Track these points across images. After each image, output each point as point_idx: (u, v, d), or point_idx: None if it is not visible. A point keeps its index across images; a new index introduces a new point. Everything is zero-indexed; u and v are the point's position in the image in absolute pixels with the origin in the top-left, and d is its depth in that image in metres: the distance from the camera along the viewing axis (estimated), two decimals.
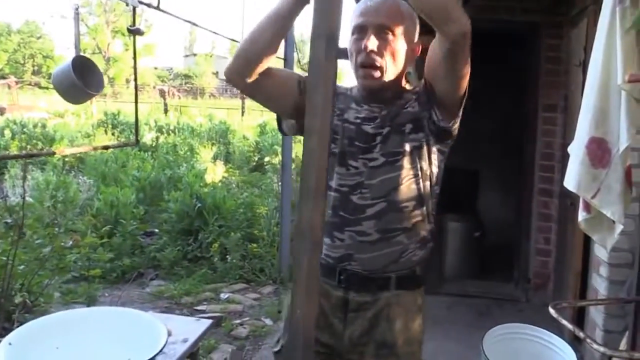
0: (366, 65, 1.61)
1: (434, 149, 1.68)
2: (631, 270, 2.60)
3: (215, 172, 8.44)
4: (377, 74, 1.61)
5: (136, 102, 4.25)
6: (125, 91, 35.00)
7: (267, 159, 10.25)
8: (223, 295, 4.74)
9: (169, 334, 1.72)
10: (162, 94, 22.87)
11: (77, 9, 3.31)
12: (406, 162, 1.64)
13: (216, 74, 41.55)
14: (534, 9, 4.29)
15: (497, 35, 4.78)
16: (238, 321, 4.23)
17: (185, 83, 41.68)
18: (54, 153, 4.48)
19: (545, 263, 4.54)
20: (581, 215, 2.56)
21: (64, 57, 37.97)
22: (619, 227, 2.37)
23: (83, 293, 4.30)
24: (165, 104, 20.49)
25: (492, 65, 5.18)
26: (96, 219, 5.81)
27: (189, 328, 2.01)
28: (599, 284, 3.38)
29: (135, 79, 4.08)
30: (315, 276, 1.36)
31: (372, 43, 1.58)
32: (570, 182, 2.48)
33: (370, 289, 1.66)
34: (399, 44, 1.62)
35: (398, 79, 1.68)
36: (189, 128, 14.04)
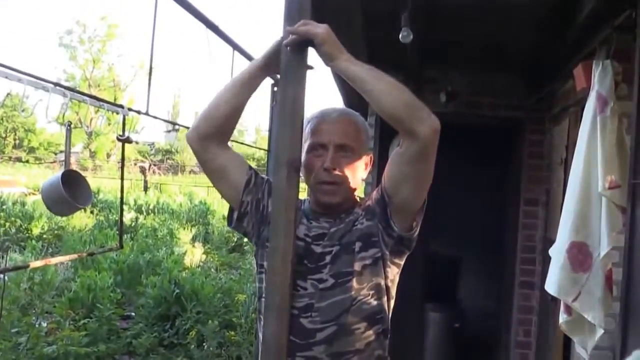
0: (328, 182, 1.61)
1: (389, 263, 1.63)
2: None
3: (194, 255, 8.38)
4: (338, 190, 1.62)
5: (121, 210, 4.28)
6: (106, 165, 35.02)
7: (245, 239, 10.20)
8: None
9: None
10: (143, 171, 22.91)
11: (69, 125, 3.38)
12: (357, 282, 1.58)
13: None
14: (518, 106, 4.42)
15: (481, 129, 4.94)
16: None
17: (167, 159, 41.82)
18: (28, 266, 4.45)
19: (525, 356, 4.51)
20: (562, 317, 2.59)
21: (46, 130, 38.18)
22: (600, 331, 2.40)
23: None
24: (146, 181, 20.51)
25: (476, 158, 5.34)
26: (73, 303, 5.70)
27: None
28: None
29: (122, 186, 4.09)
30: None
31: (334, 161, 1.59)
32: (551, 286, 2.53)
33: None
34: (358, 161, 1.64)
35: (353, 193, 1.69)
36: (169, 208, 14.01)
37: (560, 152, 3.91)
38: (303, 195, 1.89)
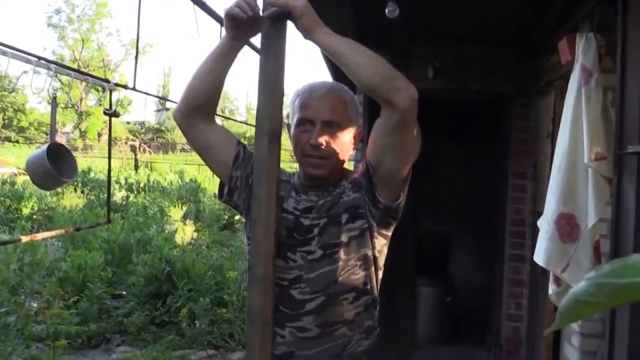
0: (314, 156, 1.62)
1: (377, 234, 1.65)
2: (602, 341, 2.62)
3: (185, 232, 8.36)
4: (325, 164, 1.63)
5: (109, 184, 4.24)
6: (97, 145, 34.83)
7: (237, 217, 10.21)
8: None
9: None
10: (133, 149, 22.80)
11: (54, 98, 3.33)
12: (344, 253, 1.61)
13: None
14: (504, 80, 4.41)
15: (469, 104, 4.92)
16: None
17: (157, 137, 41.64)
18: (19, 239, 4.42)
19: (517, 329, 4.54)
20: (551, 288, 2.60)
21: (36, 110, 37.89)
22: None
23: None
24: (136, 160, 20.42)
25: (465, 133, 5.32)
26: (63, 283, 5.68)
27: None
28: (571, 353, 3.39)
29: (109, 159, 4.05)
30: (267, 353, 1.39)
31: (322, 138, 1.60)
32: (540, 257, 2.53)
33: None
34: (345, 136, 1.65)
35: (341, 166, 1.70)
36: (160, 187, 13.96)
37: (546, 125, 3.91)
38: (284, 166, 1.88)
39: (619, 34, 2.20)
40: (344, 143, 1.65)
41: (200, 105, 1.61)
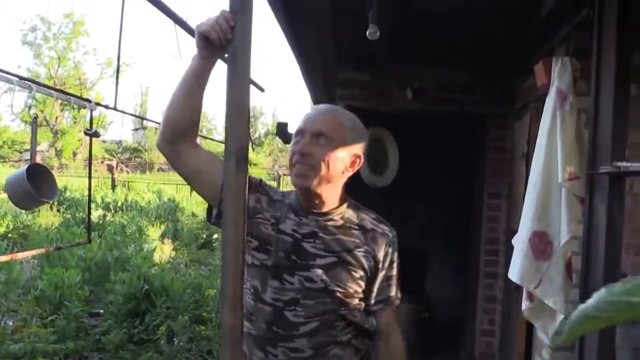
0: (300, 164, 1.63)
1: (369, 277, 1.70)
2: (572, 354, 2.70)
3: (164, 251, 8.33)
4: (310, 174, 1.61)
5: (89, 204, 4.25)
6: (72, 164, 34.43)
7: (215, 235, 10.20)
8: None
9: None
10: (110, 169, 22.62)
11: (35, 118, 3.35)
12: (345, 291, 1.63)
13: None
14: (482, 102, 4.51)
15: (447, 124, 5.04)
16: None
17: (135, 157, 41.31)
18: None
19: (490, 343, 4.63)
20: (524, 304, 2.68)
21: (9, 128, 37.36)
22: (560, 316, 2.49)
23: None
24: (113, 179, 20.25)
25: (442, 153, 5.44)
26: (39, 301, 5.63)
27: None
28: None
29: (89, 179, 4.07)
30: None
31: (307, 147, 1.61)
32: (514, 274, 2.61)
33: None
34: (337, 153, 1.63)
35: (335, 189, 1.69)
36: (137, 206, 13.87)
37: (522, 147, 4.02)
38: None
39: (594, 58, 2.26)
40: (333, 158, 1.63)
41: (182, 130, 1.57)
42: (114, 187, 19.43)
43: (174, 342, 5.17)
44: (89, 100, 3.45)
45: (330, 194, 1.68)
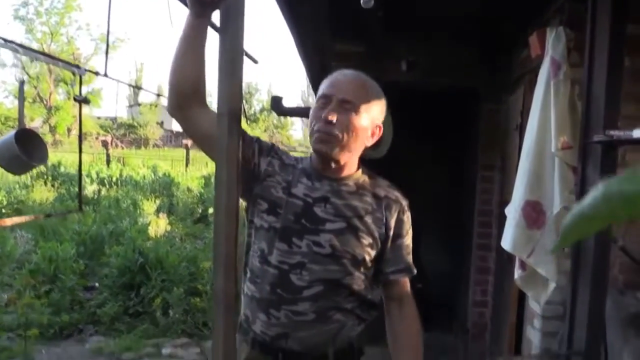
0: (323, 132, 1.60)
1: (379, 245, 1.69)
2: (563, 323, 2.73)
3: (159, 225, 8.34)
4: (333, 141, 1.60)
5: (80, 168, 4.24)
6: (67, 140, 34.27)
7: (211, 210, 10.20)
8: (165, 351, 4.67)
9: None
10: (105, 144, 22.50)
11: (22, 82, 3.31)
12: (353, 262, 1.63)
13: (161, 124, 41.22)
14: (476, 75, 4.49)
15: (441, 98, 5.02)
16: None
17: (129, 133, 41.13)
18: None
19: (482, 314, 4.67)
20: (517, 273, 2.69)
21: (3, 104, 37.12)
22: (552, 285, 2.51)
23: (20, 352, 4.16)
24: (108, 155, 20.16)
25: (437, 127, 5.43)
26: (34, 274, 5.65)
27: None
28: (533, 335, 3.51)
29: (80, 146, 4.06)
30: (231, 337, 1.42)
31: (333, 114, 1.58)
32: (507, 243, 2.62)
33: None
34: (360, 121, 1.61)
35: (353, 156, 1.68)
36: (132, 181, 13.83)
37: (515, 119, 4.02)
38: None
39: (588, 29, 2.25)
40: (358, 128, 1.61)
41: (186, 93, 1.55)
42: (108, 162, 19.37)
43: (169, 314, 5.21)
44: (78, 66, 3.41)
45: (348, 162, 1.67)
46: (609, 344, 2.79)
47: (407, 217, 1.75)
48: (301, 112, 5.91)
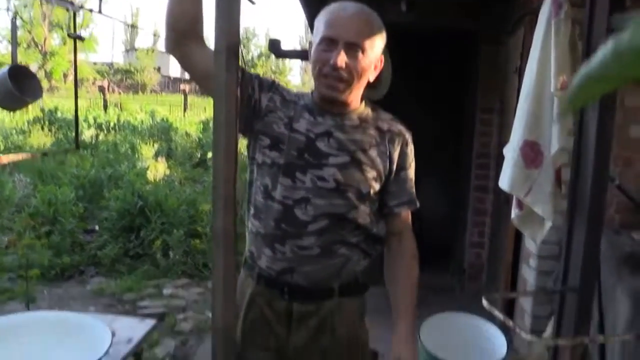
0: (332, 78, 1.58)
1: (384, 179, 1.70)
2: (558, 262, 2.76)
3: (157, 170, 8.33)
4: (342, 86, 1.58)
5: (76, 105, 4.19)
6: (63, 86, 33.91)
7: (209, 155, 10.19)
8: (166, 291, 4.74)
9: (113, 335, 1.71)
10: (102, 89, 22.26)
11: (14, 18, 3.24)
12: (357, 195, 1.63)
13: (158, 69, 40.77)
14: (475, 17, 4.42)
15: (441, 40, 4.95)
16: (181, 316, 4.25)
17: (126, 78, 40.69)
18: None
19: (479, 255, 4.73)
20: (514, 212, 2.70)
21: None
22: (548, 224, 2.52)
23: (21, 292, 4.21)
24: (105, 100, 19.98)
25: (435, 70, 5.36)
26: (34, 217, 5.68)
27: (133, 328, 2.02)
28: (528, 274, 3.57)
29: (75, 83, 4.01)
30: (231, 277, 1.43)
31: (342, 59, 1.55)
32: (505, 182, 2.62)
33: (313, 299, 1.66)
34: (367, 61, 1.60)
35: (358, 91, 1.66)
36: (130, 126, 13.76)
37: (514, 61, 3.97)
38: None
39: None
40: (366, 68, 1.60)
41: (186, 29, 1.52)
42: (105, 107, 19.22)
43: (169, 256, 5.27)
44: (71, 3, 3.32)
45: (354, 98, 1.66)
46: (603, 282, 2.84)
47: (410, 150, 1.74)
48: (300, 54, 5.82)
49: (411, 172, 1.75)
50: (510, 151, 2.70)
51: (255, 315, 1.70)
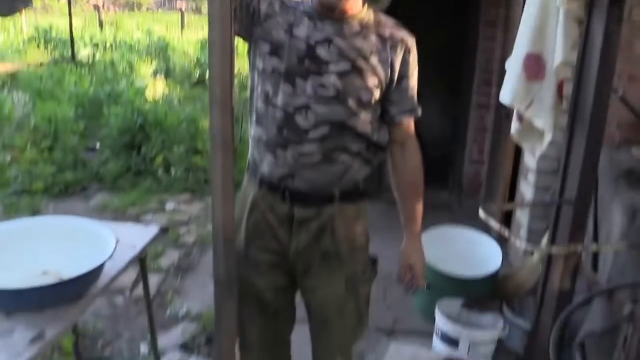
0: None
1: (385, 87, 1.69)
2: (556, 178, 2.78)
3: (156, 88, 8.24)
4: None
5: (70, 14, 4.09)
6: (57, 5, 33.06)
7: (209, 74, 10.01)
8: (169, 206, 4.81)
9: (117, 241, 1.76)
10: (97, 8, 21.70)
11: None
12: (359, 99, 1.63)
13: None
14: None
15: None
16: (184, 230, 4.34)
17: None
18: None
19: (478, 172, 4.77)
20: (514, 126, 2.70)
21: None
22: (548, 138, 2.53)
23: (27, 207, 4.28)
24: (101, 19, 19.50)
25: None
26: (35, 134, 5.68)
27: (137, 235, 2.07)
28: (527, 189, 3.61)
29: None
30: (230, 177, 1.44)
31: None
32: (506, 95, 2.60)
33: (315, 204, 1.69)
34: None
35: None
36: (127, 45, 13.48)
37: None
38: None
39: None
40: None
41: None
42: (101, 26, 18.78)
43: (171, 173, 5.31)
44: None
45: (354, 4, 1.63)
46: (600, 197, 2.87)
47: (413, 58, 1.72)
48: None
49: (413, 81, 1.74)
50: (513, 64, 2.67)
51: (258, 219, 1.75)
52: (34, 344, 1.43)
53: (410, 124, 1.77)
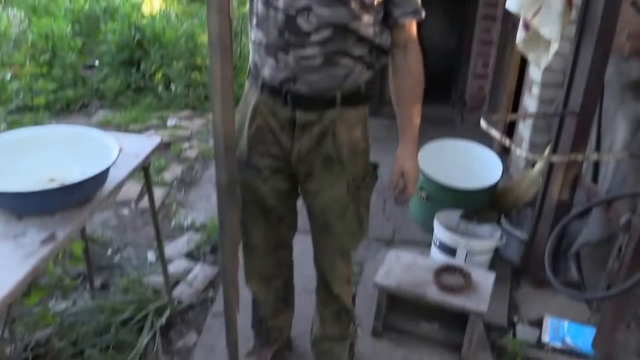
0: None
1: None
2: (560, 90, 2.76)
3: (152, 3, 8.02)
4: None
5: None
6: None
7: None
8: (170, 122, 4.80)
9: (120, 149, 1.77)
10: None
11: None
12: (361, 2, 1.59)
13: None
14: None
15: None
16: (186, 145, 4.35)
17: None
18: None
19: (481, 86, 4.72)
20: (519, 35, 2.65)
21: None
22: (554, 47, 2.48)
23: (29, 122, 4.28)
24: None
25: None
26: (33, 50, 5.59)
27: (140, 145, 2.08)
28: (530, 102, 3.59)
29: None
30: (229, 82, 1.42)
31: None
32: (513, 2, 2.54)
33: (316, 108, 1.69)
34: None
35: None
36: None
37: None
38: None
39: None
40: None
41: None
42: None
43: (171, 89, 5.27)
44: None
45: None
46: (604, 108, 2.85)
47: None
48: None
49: None
50: None
51: (260, 124, 1.75)
52: (45, 244, 1.47)
53: (412, 26, 1.73)
